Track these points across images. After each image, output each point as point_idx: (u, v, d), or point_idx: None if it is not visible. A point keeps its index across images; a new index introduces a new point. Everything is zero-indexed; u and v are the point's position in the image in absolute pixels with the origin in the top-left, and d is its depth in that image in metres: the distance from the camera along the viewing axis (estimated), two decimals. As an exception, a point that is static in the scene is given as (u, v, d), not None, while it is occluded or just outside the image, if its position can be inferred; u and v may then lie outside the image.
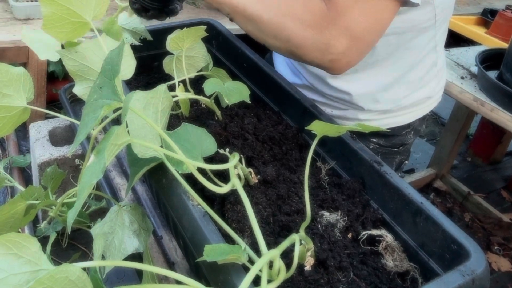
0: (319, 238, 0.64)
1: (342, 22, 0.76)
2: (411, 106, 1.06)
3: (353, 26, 0.76)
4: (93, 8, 0.68)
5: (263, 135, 0.81)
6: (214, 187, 0.58)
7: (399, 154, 1.12)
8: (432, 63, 1.03)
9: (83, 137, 0.52)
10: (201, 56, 0.89)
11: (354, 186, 0.75)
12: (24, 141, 2.08)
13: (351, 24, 0.76)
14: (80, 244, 1.77)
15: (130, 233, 0.63)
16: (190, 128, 0.64)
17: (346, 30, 0.76)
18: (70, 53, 0.69)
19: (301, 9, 0.78)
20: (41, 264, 0.40)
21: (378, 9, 0.77)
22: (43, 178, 0.92)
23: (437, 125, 3.20)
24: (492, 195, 2.57)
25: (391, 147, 1.09)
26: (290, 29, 0.78)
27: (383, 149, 1.07)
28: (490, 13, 2.53)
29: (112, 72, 0.53)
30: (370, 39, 0.79)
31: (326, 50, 0.77)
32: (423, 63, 1.02)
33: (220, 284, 0.52)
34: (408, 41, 0.95)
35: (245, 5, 0.80)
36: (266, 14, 0.79)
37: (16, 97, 0.62)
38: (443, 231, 0.62)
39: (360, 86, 1.00)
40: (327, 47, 0.77)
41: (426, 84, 1.05)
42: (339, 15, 0.76)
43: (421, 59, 1.00)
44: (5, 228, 0.67)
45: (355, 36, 0.77)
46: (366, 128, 0.63)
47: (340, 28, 0.76)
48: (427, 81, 1.05)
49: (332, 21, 0.76)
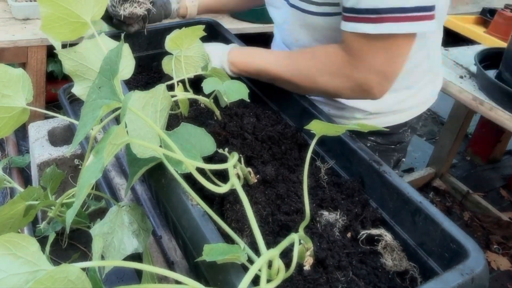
0: (318, 238, 0.64)
1: (363, 64, 0.83)
2: (407, 109, 1.07)
3: (374, 64, 0.83)
4: (91, 8, 0.68)
5: (262, 135, 0.81)
6: (213, 186, 0.58)
7: (396, 152, 1.13)
8: (425, 70, 1.04)
9: (82, 137, 0.51)
10: (200, 56, 0.89)
11: (353, 186, 0.75)
12: (23, 141, 2.08)
13: (371, 62, 0.83)
14: (79, 244, 1.76)
15: (129, 233, 0.63)
16: (189, 128, 0.64)
17: (369, 69, 0.83)
18: (69, 53, 0.69)
19: (325, 63, 0.88)
20: (40, 264, 0.40)
21: (392, 45, 0.81)
22: (42, 178, 0.91)
23: (436, 124, 3.20)
24: (491, 194, 2.57)
25: (388, 144, 1.10)
26: (322, 84, 0.88)
27: (380, 147, 1.08)
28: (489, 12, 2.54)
29: (111, 72, 0.53)
30: (394, 68, 0.84)
31: (360, 90, 0.86)
32: (416, 71, 1.02)
33: (220, 283, 0.52)
34: None
35: (278, 73, 0.91)
36: (298, 79, 0.90)
37: (15, 98, 0.62)
38: (442, 230, 0.62)
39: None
40: (360, 87, 0.86)
41: (422, 89, 1.07)
42: (359, 59, 0.83)
43: (413, 67, 1.01)
44: (5, 228, 0.67)
45: (380, 70, 0.83)
46: (365, 128, 0.63)
47: (363, 69, 0.84)
48: (422, 87, 1.06)
49: (354, 65, 0.84)
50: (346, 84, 0.87)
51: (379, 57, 0.82)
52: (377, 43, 0.81)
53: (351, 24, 0.81)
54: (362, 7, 0.78)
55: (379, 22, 0.77)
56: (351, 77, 0.85)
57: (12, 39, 1.81)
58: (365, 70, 0.83)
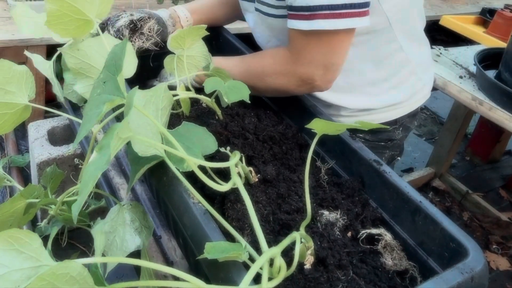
0: (319, 237, 0.64)
1: (303, 59, 0.88)
2: (393, 104, 1.07)
3: (314, 58, 0.87)
4: (97, 6, 0.68)
5: (264, 135, 0.81)
6: (215, 185, 0.58)
7: (388, 149, 1.13)
8: (401, 62, 1.05)
9: (86, 132, 0.52)
10: (202, 56, 0.89)
11: (353, 185, 0.75)
12: (23, 140, 2.08)
13: (311, 57, 0.87)
14: (79, 243, 1.76)
15: (131, 231, 0.64)
16: (190, 127, 0.65)
17: (309, 63, 0.88)
18: (72, 51, 0.69)
19: (270, 63, 0.93)
20: (42, 260, 0.40)
21: (329, 40, 0.85)
22: (42, 178, 0.91)
23: (436, 124, 3.21)
24: (491, 194, 2.58)
25: (377, 141, 1.10)
26: (270, 83, 0.93)
27: (370, 144, 1.08)
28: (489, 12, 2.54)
29: (115, 67, 0.53)
30: (334, 60, 0.88)
31: (304, 84, 0.90)
32: (389, 63, 1.03)
33: (221, 281, 0.52)
34: (364, 43, 0.98)
35: (234, 75, 0.93)
36: (250, 80, 0.92)
37: (18, 94, 0.62)
38: (442, 230, 0.62)
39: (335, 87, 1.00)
40: (304, 82, 0.90)
41: (403, 82, 1.06)
42: (299, 55, 0.88)
43: (384, 59, 1.02)
44: (5, 226, 0.67)
45: (320, 63, 0.87)
46: (365, 126, 0.63)
47: (304, 64, 0.88)
48: (402, 80, 1.06)
49: (295, 61, 0.89)
50: (291, 80, 0.90)
51: (318, 52, 0.86)
52: (314, 38, 0.85)
53: (290, 21, 0.86)
54: (297, 5, 0.83)
55: (311, 19, 0.81)
56: (294, 73, 0.89)
57: (11, 38, 1.81)
58: (306, 65, 0.88)
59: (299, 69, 0.89)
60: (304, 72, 0.88)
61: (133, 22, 1.00)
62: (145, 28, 1.01)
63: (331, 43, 0.85)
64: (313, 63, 0.87)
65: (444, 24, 2.49)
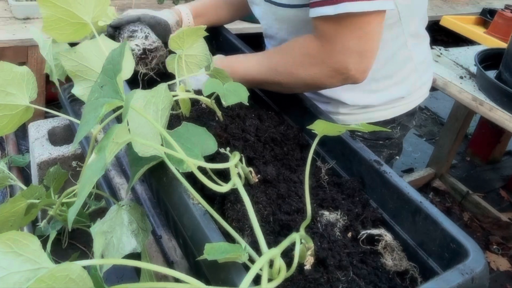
0: (319, 237, 0.64)
1: (334, 47, 0.83)
2: (392, 101, 1.07)
3: (347, 45, 0.83)
4: (92, 10, 0.68)
5: (265, 136, 0.81)
6: (214, 186, 0.58)
7: (386, 148, 1.13)
8: (405, 59, 1.04)
9: (83, 135, 0.51)
10: (203, 55, 0.89)
11: (353, 186, 0.75)
12: (23, 140, 2.08)
13: (343, 44, 0.82)
14: (79, 243, 1.76)
15: (128, 233, 0.63)
16: (190, 127, 0.65)
17: (343, 51, 0.83)
18: (69, 54, 0.69)
19: (299, 55, 0.88)
20: (41, 262, 0.40)
21: (359, 21, 0.81)
22: (45, 178, 0.92)
23: (436, 125, 3.21)
24: (491, 194, 2.58)
25: (375, 140, 1.10)
26: (301, 77, 0.88)
27: (368, 142, 1.08)
28: (489, 12, 2.54)
29: (113, 71, 0.53)
30: (369, 46, 0.84)
31: (339, 74, 0.85)
32: (394, 59, 1.03)
33: (221, 282, 0.52)
34: None
35: (258, 72, 0.92)
36: (277, 76, 0.90)
37: (19, 96, 0.62)
38: (442, 230, 0.62)
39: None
40: (337, 72, 0.85)
41: (404, 79, 1.06)
42: (329, 43, 0.84)
43: (392, 55, 1.01)
44: (6, 227, 0.67)
45: (353, 50, 0.83)
46: (367, 128, 0.63)
47: (337, 53, 0.83)
48: (404, 77, 1.06)
49: (326, 50, 0.84)
50: (323, 71, 0.86)
51: (350, 38, 0.82)
52: (343, 24, 0.81)
53: (315, 9, 0.83)
54: None
55: (336, 3, 0.79)
56: (326, 63, 0.85)
57: (12, 38, 1.80)
58: (339, 53, 0.83)
59: (332, 58, 0.84)
60: (337, 61, 0.84)
61: (145, 52, 0.98)
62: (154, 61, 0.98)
63: (362, 27, 0.81)
64: (346, 50, 0.83)
65: (445, 25, 2.49)
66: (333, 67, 0.85)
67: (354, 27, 0.81)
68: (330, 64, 0.85)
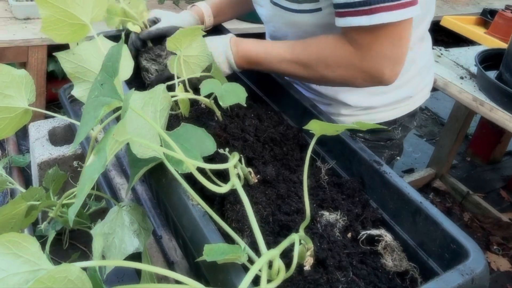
0: (318, 238, 0.64)
1: (370, 53, 0.85)
2: (394, 103, 1.07)
3: (381, 51, 0.84)
4: (91, 10, 0.67)
5: (265, 137, 0.81)
6: (214, 186, 0.58)
7: (387, 149, 1.13)
8: (409, 62, 1.04)
9: (83, 136, 0.51)
10: (204, 55, 0.88)
11: (353, 186, 0.75)
12: (24, 140, 2.08)
13: (378, 51, 0.84)
14: (79, 243, 1.77)
15: (130, 233, 0.63)
16: (189, 128, 0.64)
17: (378, 57, 0.85)
18: (67, 55, 0.69)
19: (331, 56, 0.89)
20: (40, 263, 0.40)
21: (395, 29, 0.82)
22: (44, 179, 0.91)
23: (437, 125, 3.20)
24: (491, 194, 2.57)
25: (377, 141, 1.10)
26: (330, 77, 0.90)
27: (369, 143, 1.08)
28: (490, 13, 2.53)
29: (112, 68, 0.53)
30: (401, 51, 0.86)
31: (373, 78, 0.88)
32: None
33: (220, 283, 0.52)
34: None
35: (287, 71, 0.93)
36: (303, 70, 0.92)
37: (17, 99, 0.62)
38: (443, 231, 0.62)
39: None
40: (371, 76, 0.87)
41: (408, 82, 1.06)
42: (364, 51, 0.85)
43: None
44: (6, 229, 0.67)
45: (389, 57, 0.85)
46: (363, 126, 0.63)
47: (372, 58, 0.85)
48: (407, 79, 1.06)
49: (362, 57, 0.86)
50: (357, 75, 0.88)
51: (384, 45, 0.83)
52: (377, 33, 0.82)
53: (345, 19, 0.83)
54: (355, 1, 0.80)
55: (372, 13, 0.79)
56: (361, 68, 0.87)
57: (12, 38, 1.81)
58: (374, 59, 0.85)
59: (367, 64, 0.86)
60: (373, 67, 0.86)
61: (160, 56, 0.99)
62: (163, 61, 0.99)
63: (396, 34, 0.83)
64: (382, 58, 0.85)
65: (445, 25, 2.48)
66: (368, 72, 0.87)
67: (388, 35, 0.83)
68: (364, 69, 0.87)
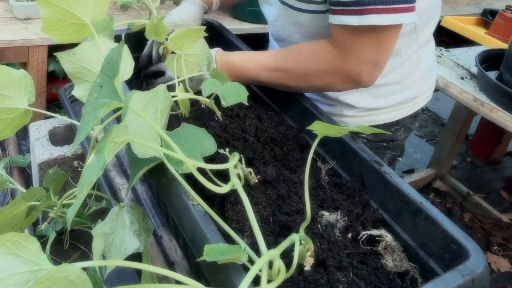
0: (319, 238, 0.64)
1: (352, 56, 0.85)
2: (397, 104, 1.07)
3: (362, 54, 0.84)
4: (92, 10, 0.67)
5: (265, 137, 0.81)
6: (214, 187, 0.58)
7: (390, 149, 1.13)
8: (415, 65, 1.05)
9: (83, 137, 0.51)
10: (203, 54, 0.88)
11: (354, 186, 0.75)
12: (24, 140, 2.08)
13: (359, 54, 0.85)
14: (80, 243, 1.76)
15: (130, 233, 0.63)
16: (190, 128, 0.64)
17: (358, 60, 0.85)
18: (68, 55, 0.69)
19: (314, 62, 0.90)
20: (40, 263, 0.40)
21: (382, 33, 0.83)
22: (44, 179, 0.91)
23: (437, 125, 3.20)
24: (492, 195, 2.57)
25: (379, 142, 1.10)
26: (315, 83, 0.91)
27: (372, 144, 1.09)
28: (490, 13, 2.53)
29: (112, 71, 0.53)
30: (382, 57, 0.86)
31: (351, 81, 0.89)
32: (405, 65, 1.03)
33: (220, 284, 0.52)
34: None
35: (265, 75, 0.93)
36: (289, 81, 0.92)
37: (17, 99, 0.62)
38: (443, 231, 0.62)
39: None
40: (351, 78, 0.88)
41: (412, 84, 1.07)
42: (347, 51, 0.86)
43: (403, 62, 1.02)
44: (7, 229, 0.67)
45: (369, 60, 0.85)
46: (366, 130, 0.63)
47: (352, 61, 0.86)
48: (412, 82, 1.06)
49: (343, 58, 0.86)
50: (337, 77, 0.89)
51: (367, 48, 0.84)
52: (363, 35, 0.83)
53: (336, 17, 0.83)
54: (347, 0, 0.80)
55: (363, 14, 0.79)
56: (341, 71, 0.87)
57: (13, 38, 1.81)
58: (354, 62, 0.85)
59: (347, 66, 0.86)
60: (353, 69, 0.86)
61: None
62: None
63: (381, 39, 0.83)
64: (362, 60, 0.85)
65: (446, 25, 2.48)
66: (348, 74, 0.87)
67: (373, 38, 0.83)
68: (345, 71, 0.87)
